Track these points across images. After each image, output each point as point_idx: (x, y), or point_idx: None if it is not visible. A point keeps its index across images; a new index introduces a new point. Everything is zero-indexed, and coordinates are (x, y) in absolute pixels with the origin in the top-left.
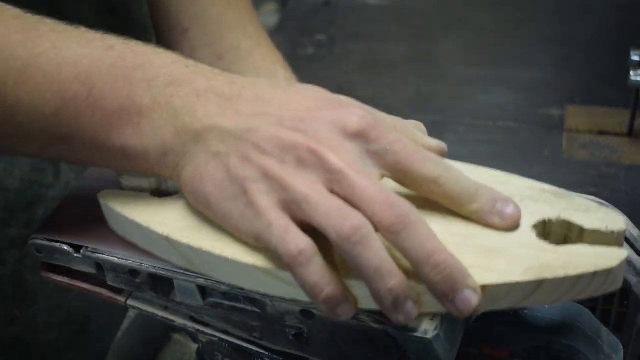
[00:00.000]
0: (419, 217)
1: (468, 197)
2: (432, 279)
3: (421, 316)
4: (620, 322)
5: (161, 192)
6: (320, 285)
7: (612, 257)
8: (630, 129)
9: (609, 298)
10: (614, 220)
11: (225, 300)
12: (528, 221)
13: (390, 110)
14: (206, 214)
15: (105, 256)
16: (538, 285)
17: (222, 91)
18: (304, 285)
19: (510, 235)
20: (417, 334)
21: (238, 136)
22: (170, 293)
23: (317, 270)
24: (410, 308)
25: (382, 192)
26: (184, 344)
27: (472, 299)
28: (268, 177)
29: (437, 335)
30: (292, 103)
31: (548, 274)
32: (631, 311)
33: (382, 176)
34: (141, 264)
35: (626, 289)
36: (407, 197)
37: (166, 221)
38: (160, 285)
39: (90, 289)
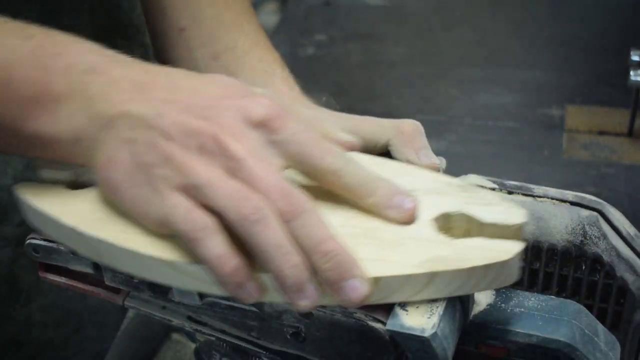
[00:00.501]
0: (312, 207)
1: (366, 190)
2: (321, 266)
3: (324, 305)
4: (616, 321)
5: (78, 185)
6: (225, 257)
7: (506, 250)
8: (630, 129)
9: (605, 296)
10: (514, 214)
11: (223, 300)
12: (428, 214)
13: (390, 110)
14: (115, 200)
15: None
16: (431, 277)
17: (137, 79)
18: (209, 259)
19: (410, 229)
20: (414, 333)
21: (147, 122)
22: (168, 293)
23: (221, 244)
24: (313, 291)
25: (279, 181)
26: (183, 343)
27: (359, 288)
28: (172, 163)
29: (434, 334)
30: (202, 91)
31: (441, 267)
32: (628, 310)
33: (285, 166)
34: None
35: (623, 287)
36: (313, 189)
37: (77, 212)
38: (157, 285)
39: (88, 289)
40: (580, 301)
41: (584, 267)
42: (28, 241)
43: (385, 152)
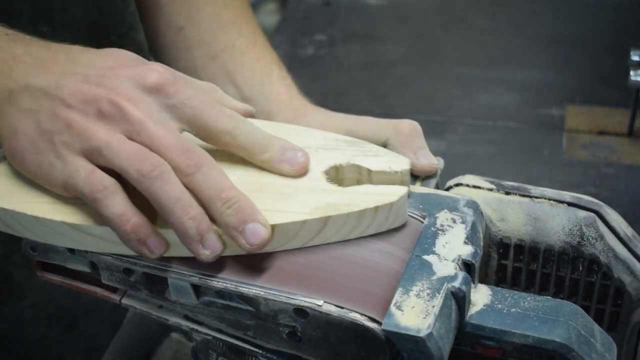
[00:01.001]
0: (212, 161)
1: (260, 147)
2: (223, 212)
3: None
4: (613, 321)
5: None
6: (126, 215)
7: (393, 193)
8: (630, 129)
9: (603, 297)
10: (398, 161)
11: (219, 299)
12: (320, 167)
13: (390, 110)
14: (21, 170)
15: (100, 255)
16: (324, 222)
17: (37, 55)
18: (111, 218)
19: (302, 181)
20: (410, 333)
21: (48, 93)
22: (165, 291)
23: (122, 202)
24: (215, 241)
25: (179, 139)
26: (182, 343)
27: (261, 231)
28: (72, 129)
29: (430, 334)
30: (99, 63)
31: (333, 212)
32: (625, 310)
33: (181, 129)
34: (135, 262)
35: (620, 288)
36: (208, 152)
37: None
38: (154, 284)
39: (85, 288)
40: (578, 302)
41: (581, 268)
42: (25, 239)
43: None
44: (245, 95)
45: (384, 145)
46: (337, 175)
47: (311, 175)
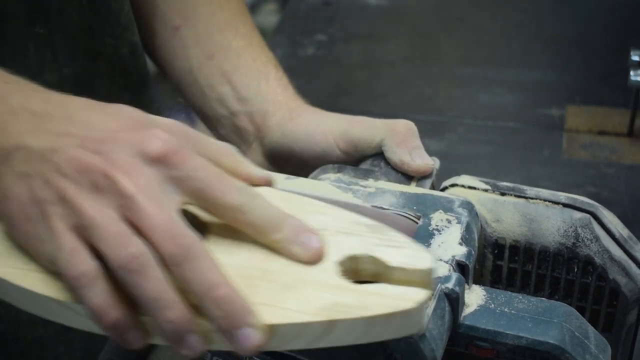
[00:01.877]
0: (203, 249)
1: (272, 226)
2: (213, 313)
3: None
4: (609, 323)
5: None
6: (104, 309)
7: (410, 298)
8: (630, 129)
9: (598, 299)
10: (421, 258)
11: None
12: (335, 256)
13: (390, 110)
14: (10, 236)
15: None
16: (330, 325)
17: (35, 109)
18: (88, 309)
19: (311, 272)
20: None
21: (42, 156)
22: None
23: (99, 293)
24: (195, 342)
25: (169, 221)
26: None
27: (252, 337)
28: (64, 200)
29: (422, 336)
30: (99, 123)
31: (340, 315)
32: (620, 311)
33: (184, 203)
34: None
35: (615, 289)
36: (214, 225)
37: None
38: None
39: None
40: (573, 303)
41: (576, 270)
42: None
43: (379, 153)
44: (241, 95)
45: (379, 145)
46: (352, 266)
47: (323, 265)
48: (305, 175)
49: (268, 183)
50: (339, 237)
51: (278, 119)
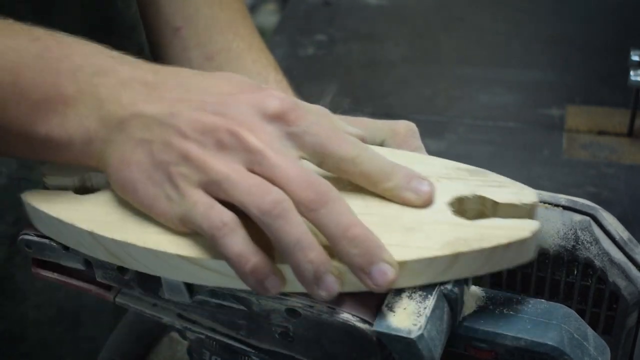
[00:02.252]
0: (337, 194)
1: (384, 175)
2: (349, 252)
3: (345, 294)
4: (609, 325)
5: (85, 190)
6: (245, 255)
7: (524, 228)
8: (630, 129)
9: (598, 301)
10: (526, 194)
11: (213, 298)
12: (444, 199)
13: (390, 110)
14: (133, 201)
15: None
16: (455, 258)
17: (146, 80)
18: (229, 257)
19: (427, 213)
20: (400, 334)
21: (161, 122)
22: (158, 290)
23: (241, 241)
24: (332, 282)
25: (302, 171)
26: (180, 342)
27: (388, 272)
28: (189, 160)
29: (420, 336)
30: (214, 88)
31: (463, 247)
32: (620, 314)
33: (301, 158)
34: None
35: (615, 292)
36: (327, 180)
37: (90, 217)
38: (148, 282)
39: (80, 285)
40: (573, 306)
41: (576, 272)
42: (21, 237)
43: None
44: None
45: (380, 145)
46: (460, 207)
47: (435, 207)
48: None
49: (364, 140)
50: (444, 182)
51: None
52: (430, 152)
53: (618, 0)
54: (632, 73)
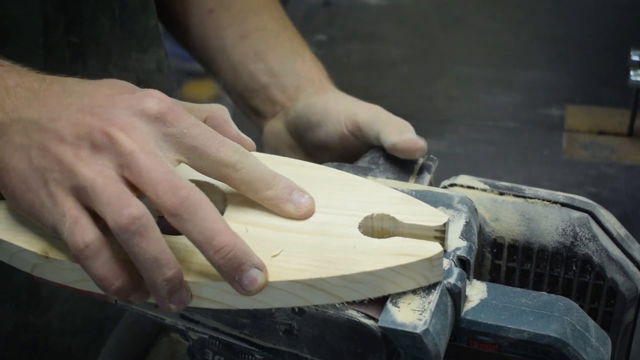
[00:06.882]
0: (202, 199)
1: (265, 184)
2: (217, 261)
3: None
4: (606, 321)
5: None
6: (108, 279)
7: (426, 249)
8: (630, 129)
9: (596, 297)
10: (433, 216)
11: None
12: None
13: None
14: (14, 207)
15: None
16: (342, 279)
17: (31, 87)
18: (93, 278)
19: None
20: (406, 329)
21: (40, 126)
22: None
23: (104, 263)
24: (184, 297)
25: (167, 174)
26: (179, 341)
27: (258, 277)
28: (62, 165)
29: (426, 330)
30: (95, 92)
31: (356, 269)
32: (618, 310)
33: (178, 161)
34: None
35: (613, 288)
36: (232, 195)
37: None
38: None
39: (82, 289)
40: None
41: (574, 269)
42: None
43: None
44: (274, 70)
45: (377, 137)
46: (368, 224)
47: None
48: (317, 158)
49: (252, 148)
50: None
51: (307, 93)
52: (431, 152)
53: (618, 0)
54: (632, 73)
